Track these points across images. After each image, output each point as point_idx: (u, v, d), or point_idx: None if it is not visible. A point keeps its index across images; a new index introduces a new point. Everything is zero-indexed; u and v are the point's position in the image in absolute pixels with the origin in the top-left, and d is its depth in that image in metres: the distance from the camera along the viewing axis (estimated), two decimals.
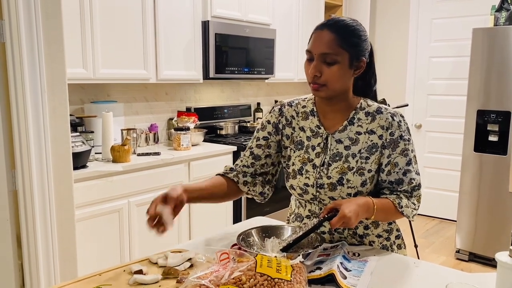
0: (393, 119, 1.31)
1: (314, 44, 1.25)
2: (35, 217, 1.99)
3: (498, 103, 3.28)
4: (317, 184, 1.33)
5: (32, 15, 1.90)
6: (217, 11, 3.28)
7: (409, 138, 1.32)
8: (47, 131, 2.01)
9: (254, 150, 1.45)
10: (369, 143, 1.31)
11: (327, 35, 1.23)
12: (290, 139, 1.41)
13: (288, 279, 0.96)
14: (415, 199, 1.34)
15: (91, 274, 1.15)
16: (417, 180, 1.34)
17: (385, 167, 1.32)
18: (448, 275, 1.19)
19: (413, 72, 4.61)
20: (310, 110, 1.39)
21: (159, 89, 3.42)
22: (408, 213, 1.31)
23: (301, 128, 1.40)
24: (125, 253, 2.64)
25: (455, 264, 3.51)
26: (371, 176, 1.31)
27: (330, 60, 1.23)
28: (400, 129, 1.31)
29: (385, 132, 1.31)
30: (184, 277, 1.07)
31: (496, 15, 3.33)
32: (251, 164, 1.44)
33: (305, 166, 1.35)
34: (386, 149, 1.31)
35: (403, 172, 1.32)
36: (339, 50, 1.23)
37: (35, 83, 1.94)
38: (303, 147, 1.38)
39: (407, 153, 1.31)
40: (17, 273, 2.07)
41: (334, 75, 1.24)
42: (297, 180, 1.36)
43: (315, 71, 1.25)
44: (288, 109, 1.43)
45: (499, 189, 3.33)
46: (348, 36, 1.24)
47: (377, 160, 1.31)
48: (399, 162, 1.31)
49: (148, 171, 2.71)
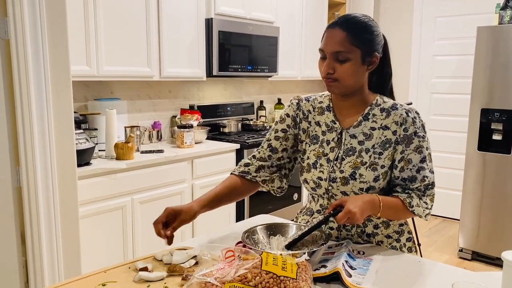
0: (408, 115, 1.31)
1: (326, 43, 1.26)
2: (39, 214, 2.00)
3: (502, 102, 3.27)
4: (330, 178, 1.34)
5: (37, 12, 1.90)
6: (221, 9, 3.27)
7: (424, 135, 1.32)
8: (51, 128, 2.01)
9: (272, 142, 1.46)
10: (383, 138, 1.32)
11: (338, 34, 1.24)
12: (306, 133, 1.43)
13: (293, 277, 0.96)
14: (428, 198, 1.33)
15: (96, 271, 1.15)
16: (431, 179, 1.33)
17: (398, 163, 1.31)
18: (453, 274, 1.18)
19: (416, 71, 4.59)
20: (326, 106, 1.41)
21: (163, 86, 3.42)
22: (419, 212, 1.31)
23: (317, 122, 1.41)
24: (129, 250, 2.65)
25: (458, 263, 3.50)
26: (384, 172, 1.31)
27: (342, 58, 1.24)
28: (414, 125, 1.30)
29: (399, 127, 1.31)
30: (189, 274, 1.07)
31: (501, 13, 3.31)
32: (268, 157, 1.46)
33: (319, 160, 1.37)
34: (400, 145, 1.31)
35: (416, 169, 1.31)
36: (350, 48, 1.24)
37: (40, 80, 1.94)
38: (318, 142, 1.39)
39: (422, 150, 1.31)
40: (21, 269, 2.08)
41: (346, 72, 1.25)
42: (311, 174, 1.37)
43: (328, 68, 1.26)
44: (306, 104, 1.44)
45: (503, 188, 3.32)
46: (359, 33, 1.25)
47: (390, 156, 1.31)
48: (413, 158, 1.30)
49: (151, 169, 2.71)
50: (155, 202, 2.75)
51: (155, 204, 2.75)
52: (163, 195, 2.80)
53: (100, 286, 1.07)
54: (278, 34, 3.76)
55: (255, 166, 1.46)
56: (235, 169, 1.48)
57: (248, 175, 1.45)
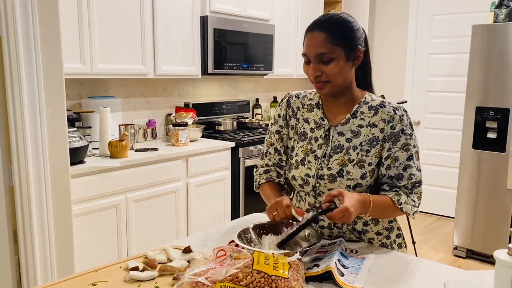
0: (395, 112, 1.31)
1: (308, 47, 1.27)
2: (32, 213, 1.98)
3: (497, 100, 3.27)
4: (317, 175, 1.34)
5: (29, 8, 1.88)
6: (216, 6, 3.26)
7: (411, 133, 1.32)
8: (43, 126, 2.00)
9: (276, 146, 1.47)
10: (370, 136, 1.32)
11: (318, 36, 1.25)
12: (294, 130, 1.44)
13: (285, 277, 0.95)
14: (415, 196, 1.33)
15: (87, 271, 1.14)
16: (418, 176, 1.33)
17: (385, 161, 1.31)
18: (446, 273, 1.18)
19: (412, 69, 4.60)
20: (315, 103, 1.41)
21: (157, 84, 3.41)
22: (407, 210, 1.31)
23: (305, 119, 1.42)
24: (123, 249, 2.64)
25: (452, 261, 3.51)
26: (372, 169, 1.31)
27: (326, 59, 1.25)
28: (402, 123, 1.30)
29: (386, 125, 1.31)
30: (180, 274, 1.06)
31: (496, 11, 3.32)
32: (279, 160, 1.48)
33: (307, 157, 1.37)
34: (387, 143, 1.31)
35: (403, 167, 1.31)
36: (332, 48, 1.24)
37: (32, 78, 1.93)
38: (306, 138, 1.39)
39: (408, 148, 1.31)
40: (14, 268, 2.06)
41: (333, 71, 1.26)
42: (299, 171, 1.38)
43: (315, 72, 1.27)
44: (295, 101, 1.45)
45: (497, 186, 3.33)
46: (338, 31, 1.25)
47: (377, 153, 1.31)
48: (400, 156, 1.30)
49: (145, 167, 2.70)
50: (150, 201, 2.74)
51: (150, 203, 2.74)
52: (158, 194, 2.78)
53: (91, 286, 1.06)
54: (273, 32, 3.75)
55: (274, 171, 1.48)
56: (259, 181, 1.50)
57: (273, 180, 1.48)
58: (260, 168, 1.51)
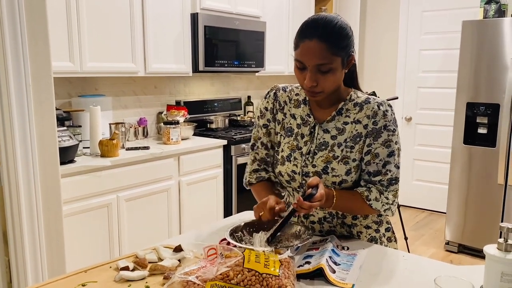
0: (379, 108, 1.29)
1: (306, 56, 1.21)
2: (21, 213, 1.96)
3: (488, 95, 3.29)
4: (303, 172, 1.34)
5: (15, 7, 1.85)
6: (206, 3, 3.24)
7: (394, 129, 1.30)
8: (32, 125, 1.97)
9: (263, 140, 1.46)
10: (354, 132, 1.31)
11: (317, 46, 1.19)
12: (281, 125, 1.42)
13: (276, 274, 0.95)
14: (390, 194, 1.31)
15: (76, 271, 1.13)
16: (394, 173, 1.31)
17: (365, 156, 1.30)
18: (437, 268, 1.19)
19: (403, 65, 4.61)
20: (302, 99, 1.40)
21: (148, 82, 3.39)
22: (377, 206, 1.29)
23: (292, 115, 1.40)
24: (115, 249, 2.62)
25: (444, 256, 3.53)
26: (356, 165, 1.31)
27: (325, 69, 1.21)
28: (385, 118, 1.28)
29: (369, 121, 1.30)
30: (171, 273, 1.05)
31: (486, 7, 3.34)
32: (266, 155, 1.47)
33: (293, 153, 1.36)
34: (368, 138, 1.30)
35: (383, 164, 1.29)
36: (332, 58, 1.20)
37: (20, 77, 1.90)
38: (293, 134, 1.38)
39: (390, 144, 1.29)
40: (4, 269, 2.04)
41: (330, 82, 1.24)
42: (285, 167, 1.37)
43: (311, 82, 1.22)
44: (282, 94, 1.44)
45: (488, 181, 3.35)
46: (338, 41, 1.21)
47: (361, 149, 1.31)
48: (380, 153, 1.29)
49: (137, 166, 2.68)
50: (141, 200, 2.73)
51: (141, 202, 2.73)
52: (149, 193, 2.77)
53: (80, 286, 1.05)
54: (264, 29, 3.73)
55: (263, 168, 1.47)
56: (249, 180, 1.49)
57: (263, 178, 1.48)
58: (250, 166, 1.50)
